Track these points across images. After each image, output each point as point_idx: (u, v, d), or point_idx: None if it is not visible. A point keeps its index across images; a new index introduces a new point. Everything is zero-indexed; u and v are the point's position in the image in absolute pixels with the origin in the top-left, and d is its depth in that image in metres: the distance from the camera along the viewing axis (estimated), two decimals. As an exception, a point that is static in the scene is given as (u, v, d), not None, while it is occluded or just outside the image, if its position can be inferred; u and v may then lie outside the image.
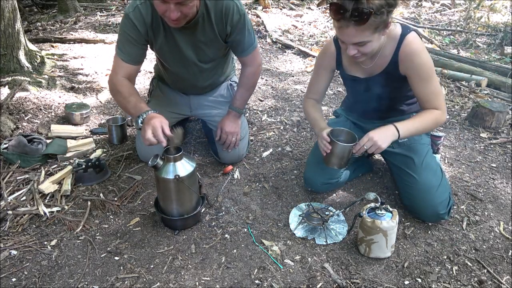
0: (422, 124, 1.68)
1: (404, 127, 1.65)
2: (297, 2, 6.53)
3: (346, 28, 1.47)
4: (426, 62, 1.64)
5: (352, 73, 1.82)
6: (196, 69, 2.02)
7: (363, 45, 1.52)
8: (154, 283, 1.54)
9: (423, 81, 1.66)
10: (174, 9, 1.56)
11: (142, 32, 1.78)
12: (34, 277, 1.56)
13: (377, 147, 1.60)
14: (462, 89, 3.34)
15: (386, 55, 1.68)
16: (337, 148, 1.68)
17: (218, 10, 1.78)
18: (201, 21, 1.78)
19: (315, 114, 1.94)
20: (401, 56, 1.64)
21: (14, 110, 2.71)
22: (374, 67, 1.73)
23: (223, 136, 2.14)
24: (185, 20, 1.68)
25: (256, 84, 2.16)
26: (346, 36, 1.51)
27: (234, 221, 1.87)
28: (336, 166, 1.75)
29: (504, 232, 1.81)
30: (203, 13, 1.76)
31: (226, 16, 1.79)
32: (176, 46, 1.88)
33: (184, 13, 1.61)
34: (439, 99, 1.69)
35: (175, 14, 1.57)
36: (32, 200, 1.93)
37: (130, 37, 1.78)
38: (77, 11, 5.76)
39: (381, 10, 1.41)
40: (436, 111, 1.69)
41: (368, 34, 1.47)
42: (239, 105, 2.14)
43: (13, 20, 3.08)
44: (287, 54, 4.29)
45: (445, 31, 5.26)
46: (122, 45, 1.81)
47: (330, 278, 1.56)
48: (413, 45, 1.62)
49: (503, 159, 2.36)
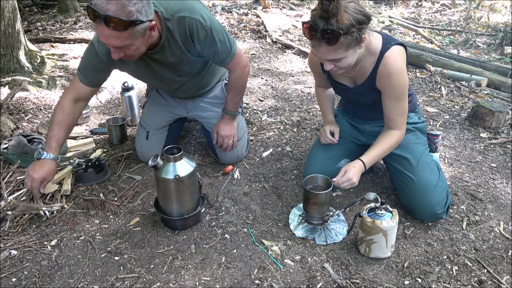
0: (384, 150, 1.78)
1: (369, 159, 1.76)
2: (297, 2, 6.53)
3: (319, 47, 1.49)
4: (401, 83, 1.66)
5: (337, 79, 1.85)
6: (177, 84, 1.99)
7: (339, 61, 1.54)
8: (154, 283, 1.54)
9: (394, 99, 1.71)
10: (114, 51, 1.54)
11: (107, 62, 1.76)
12: (34, 277, 1.56)
13: (352, 183, 1.70)
14: (462, 89, 3.34)
15: (366, 67, 1.70)
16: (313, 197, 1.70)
17: (181, 31, 1.69)
18: (167, 44, 1.71)
19: (323, 104, 2.09)
20: (379, 73, 1.67)
21: (14, 110, 2.71)
22: (357, 75, 1.76)
23: (220, 140, 2.14)
24: (138, 55, 1.63)
25: (245, 86, 2.10)
26: (320, 54, 1.54)
27: (234, 221, 1.87)
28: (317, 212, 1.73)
29: (504, 232, 1.81)
30: (167, 37, 1.69)
31: (191, 36, 1.71)
32: (150, 69, 1.85)
33: (128, 54, 1.57)
34: (402, 119, 1.76)
35: (116, 55, 1.56)
36: (32, 200, 1.93)
37: (91, 65, 1.79)
38: (77, 11, 5.76)
39: (351, 30, 1.42)
40: (395, 133, 1.77)
41: (341, 52, 1.49)
42: (231, 108, 2.11)
43: (13, 20, 3.08)
44: (287, 54, 4.29)
45: (445, 31, 5.27)
46: (83, 68, 1.82)
47: (330, 278, 1.56)
48: (391, 66, 1.63)
49: (503, 159, 2.36)
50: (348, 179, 1.70)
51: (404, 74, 1.66)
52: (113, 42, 1.49)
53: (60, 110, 1.85)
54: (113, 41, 1.49)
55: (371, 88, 1.75)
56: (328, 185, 1.72)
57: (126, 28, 1.44)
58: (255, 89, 3.33)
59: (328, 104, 2.08)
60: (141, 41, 1.55)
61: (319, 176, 1.79)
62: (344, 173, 1.72)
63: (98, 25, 1.44)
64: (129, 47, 1.53)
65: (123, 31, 1.44)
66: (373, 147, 1.80)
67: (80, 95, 1.87)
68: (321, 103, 2.10)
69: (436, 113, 2.92)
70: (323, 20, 1.41)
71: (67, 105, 1.85)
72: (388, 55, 1.63)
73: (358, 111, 2.01)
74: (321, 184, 1.78)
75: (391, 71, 1.63)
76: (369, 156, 1.77)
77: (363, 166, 1.74)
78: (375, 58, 1.66)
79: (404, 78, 1.66)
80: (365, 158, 1.76)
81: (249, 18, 5.54)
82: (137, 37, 1.51)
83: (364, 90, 1.78)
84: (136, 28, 1.47)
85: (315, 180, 1.79)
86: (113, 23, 1.41)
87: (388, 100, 1.73)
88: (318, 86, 2.10)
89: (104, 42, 1.52)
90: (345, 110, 2.12)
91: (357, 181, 1.71)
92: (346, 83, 1.83)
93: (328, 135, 1.95)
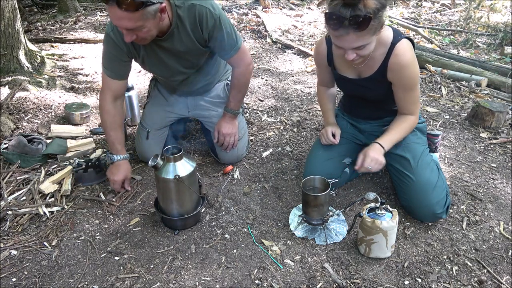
0: (401, 133, 1.80)
1: (387, 142, 1.76)
2: (297, 2, 6.53)
3: (346, 36, 1.46)
4: (413, 74, 1.68)
5: (342, 72, 1.84)
6: (182, 76, 2.01)
7: (362, 48, 1.53)
8: (154, 283, 1.54)
9: (407, 90, 1.73)
10: (127, 34, 1.60)
11: (124, 49, 1.83)
12: (34, 277, 1.56)
13: (380, 162, 1.70)
14: (462, 89, 3.34)
15: (376, 59, 1.70)
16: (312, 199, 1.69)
17: (191, 18, 1.76)
18: (176, 32, 1.78)
19: (325, 105, 2.08)
20: (390, 65, 1.67)
21: (14, 110, 2.71)
22: (364, 68, 1.75)
23: (221, 138, 2.14)
24: (150, 38, 1.69)
25: (247, 84, 2.13)
26: (346, 42, 1.50)
27: (234, 221, 1.87)
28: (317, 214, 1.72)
29: (504, 232, 1.81)
30: (177, 24, 1.75)
31: (200, 24, 1.77)
32: (158, 58, 1.89)
33: (140, 37, 1.63)
34: (416, 106, 1.79)
35: (129, 38, 1.61)
36: (32, 200, 1.93)
37: (112, 55, 1.85)
38: (77, 11, 5.76)
39: (378, 13, 1.43)
40: (410, 117, 1.79)
41: (368, 37, 1.49)
42: (234, 107, 2.13)
43: (13, 20, 3.08)
44: (287, 54, 4.29)
45: (445, 31, 5.26)
46: (106, 62, 1.89)
47: (330, 278, 1.56)
48: (403, 57, 1.64)
49: (503, 159, 2.36)
50: (372, 159, 1.69)
51: (416, 64, 1.68)
52: (126, 23, 1.54)
53: (107, 115, 1.96)
54: (125, 23, 1.54)
55: (378, 81, 1.75)
56: (326, 186, 1.72)
57: (138, 9, 1.50)
58: (255, 89, 3.33)
59: (330, 105, 2.08)
60: (152, 23, 1.60)
61: (317, 177, 1.79)
62: (364, 156, 1.71)
63: (110, 7, 1.50)
64: (141, 29, 1.58)
65: (134, 12, 1.50)
66: (388, 131, 1.79)
67: (115, 92, 1.95)
68: (323, 104, 2.10)
69: (436, 113, 2.92)
70: (349, 8, 1.39)
71: (110, 107, 1.95)
72: (400, 46, 1.63)
73: (359, 109, 2.01)
74: (319, 186, 1.78)
75: (403, 63, 1.64)
76: (385, 138, 1.76)
77: (381, 147, 1.73)
78: (386, 49, 1.66)
79: (416, 69, 1.69)
80: (381, 140, 1.75)
81: (249, 18, 5.54)
82: (149, 19, 1.57)
83: (371, 83, 1.77)
84: (147, 9, 1.53)
85: (312, 182, 1.79)
86: (125, 4, 1.47)
87: (400, 91, 1.74)
88: (320, 84, 2.09)
89: (117, 25, 1.59)
90: (345, 109, 2.11)
91: (384, 160, 1.71)
92: (351, 76, 1.82)
93: (329, 136, 1.95)
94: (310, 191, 1.74)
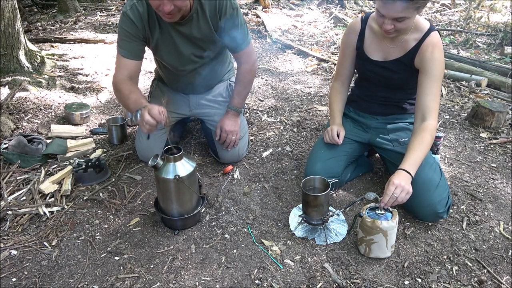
0: (424, 148, 1.68)
1: (412, 166, 1.63)
2: (297, 2, 6.53)
3: (393, 4, 1.55)
4: (441, 60, 1.76)
5: (369, 54, 1.90)
6: (192, 65, 2.03)
7: (401, 21, 1.61)
8: (154, 283, 1.54)
9: (431, 78, 1.74)
10: (167, 2, 1.60)
11: (140, 28, 1.83)
12: (34, 277, 1.56)
13: (406, 191, 1.57)
14: (462, 89, 3.34)
15: (409, 42, 1.79)
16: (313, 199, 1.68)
17: (212, 5, 1.82)
18: (195, 17, 1.83)
19: (335, 105, 2.09)
20: (423, 47, 1.75)
21: (14, 110, 2.71)
22: (394, 49, 1.82)
23: (223, 135, 2.15)
24: (179, 14, 1.72)
25: (252, 82, 2.18)
26: (391, 9, 1.58)
27: (234, 221, 1.87)
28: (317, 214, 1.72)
29: (504, 232, 1.81)
30: (197, 9, 1.81)
31: (219, 11, 1.84)
32: (171, 42, 1.91)
33: (177, 6, 1.65)
34: (436, 103, 1.75)
35: (168, 7, 1.62)
36: (32, 200, 1.93)
37: (128, 33, 1.83)
38: (77, 11, 5.77)
39: None
40: (429, 126, 1.70)
41: (411, 10, 1.58)
42: (237, 104, 2.15)
43: (13, 20, 3.08)
44: (287, 54, 4.29)
45: (445, 31, 5.26)
46: (122, 42, 1.86)
47: (330, 278, 1.56)
48: (437, 43, 1.74)
49: (503, 159, 2.36)
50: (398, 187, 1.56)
51: (443, 57, 1.77)
52: None
53: (123, 84, 1.83)
54: None
55: (404, 65, 1.81)
56: (326, 186, 1.72)
57: None
58: (255, 89, 3.33)
59: (339, 106, 2.09)
60: None
61: (317, 177, 1.79)
62: (389, 186, 1.57)
63: None
64: None
65: None
66: (410, 151, 1.67)
67: (130, 72, 1.88)
68: (333, 102, 2.10)
69: (436, 113, 2.92)
70: None
71: (126, 81, 1.85)
72: (435, 35, 1.75)
73: (370, 101, 2.02)
74: (319, 186, 1.78)
75: (436, 44, 1.73)
76: (409, 161, 1.64)
77: (407, 173, 1.61)
78: (420, 34, 1.76)
79: (443, 59, 1.77)
80: (405, 165, 1.63)
81: (249, 18, 5.54)
82: None
83: (396, 65, 1.83)
84: None
85: (312, 182, 1.79)
86: None
87: (424, 78, 1.75)
88: (336, 79, 2.11)
89: None
90: (355, 102, 2.11)
91: (410, 188, 1.58)
92: (378, 59, 1.88)
93: (334, 134, 1.96)
94: (310, 191, 1.74)
